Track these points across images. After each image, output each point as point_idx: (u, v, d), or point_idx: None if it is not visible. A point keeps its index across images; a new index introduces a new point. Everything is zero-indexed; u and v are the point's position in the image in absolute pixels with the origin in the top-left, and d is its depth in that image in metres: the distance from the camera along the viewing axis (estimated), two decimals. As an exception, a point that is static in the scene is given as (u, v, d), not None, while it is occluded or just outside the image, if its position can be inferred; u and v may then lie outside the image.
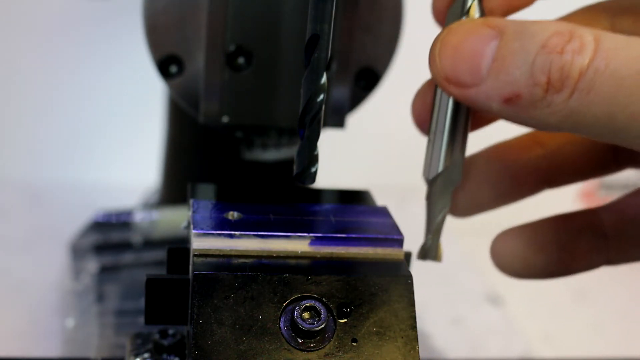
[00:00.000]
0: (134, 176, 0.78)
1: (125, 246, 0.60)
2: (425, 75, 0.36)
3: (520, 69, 0.31)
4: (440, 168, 0.36)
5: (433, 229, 0.37)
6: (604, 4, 0.40)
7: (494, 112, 0.33)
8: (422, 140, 0.38)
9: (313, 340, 0.32)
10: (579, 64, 0.30)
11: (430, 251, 0.37)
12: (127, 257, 0.59)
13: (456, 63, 0.33)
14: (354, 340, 0.33)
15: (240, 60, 0.43)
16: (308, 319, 0.32)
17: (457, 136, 0.36)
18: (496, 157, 0.42)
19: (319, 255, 0.35)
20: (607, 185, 0.87)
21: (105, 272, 0.58)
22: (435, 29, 0.35)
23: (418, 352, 0.33)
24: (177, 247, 0.36)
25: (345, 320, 0.33)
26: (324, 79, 0.33)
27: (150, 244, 0.60)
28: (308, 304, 0.32)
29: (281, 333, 0.32)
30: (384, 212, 0.38)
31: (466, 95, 0.33)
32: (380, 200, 0.39)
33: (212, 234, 0.34)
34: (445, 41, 0.33)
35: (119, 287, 0.57)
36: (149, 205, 0.66)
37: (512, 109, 0.32)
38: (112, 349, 0.50)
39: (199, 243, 0.34)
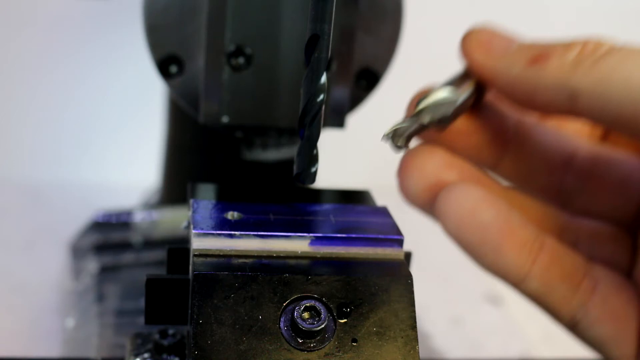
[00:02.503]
0: (134, 176, 0.78)
1: (125, 246, 0.60)
2: (425, 75, 0.36)
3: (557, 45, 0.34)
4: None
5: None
6: None
7: (511, 78, 0.34)
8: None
9: (313, 340, 0.32)
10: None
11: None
12: (127, 257, 0.59)
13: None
14: (354, 340, 0.33)
15: (240, 60, 0.43)
16: (308, 319, 0.32)
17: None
18: None
19: (319, 255, 0.35)
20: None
21: (105, 272, 0.58)
22: (434, 30, 0.35)
23: (418, 352, 0.33)
24: (177, 247, 0.36)
25: (345, 320, 0.33)
26: (324, 79, 0.33)
27: (150, 244, 0.60)
28: (308, 304, 0.32)
29: (281, 333, 0.32)
30: (384, 212, 0.38)
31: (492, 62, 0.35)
32: (380, 200, 0.39)
33: (212, 234, 0.34)
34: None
35: (119, 287, 0.57)
36: (149, 205, 0.66)
37: (535, 70, 0.33)
38: (112, 349, 0.50)
39: (199, 243, 0.34)
